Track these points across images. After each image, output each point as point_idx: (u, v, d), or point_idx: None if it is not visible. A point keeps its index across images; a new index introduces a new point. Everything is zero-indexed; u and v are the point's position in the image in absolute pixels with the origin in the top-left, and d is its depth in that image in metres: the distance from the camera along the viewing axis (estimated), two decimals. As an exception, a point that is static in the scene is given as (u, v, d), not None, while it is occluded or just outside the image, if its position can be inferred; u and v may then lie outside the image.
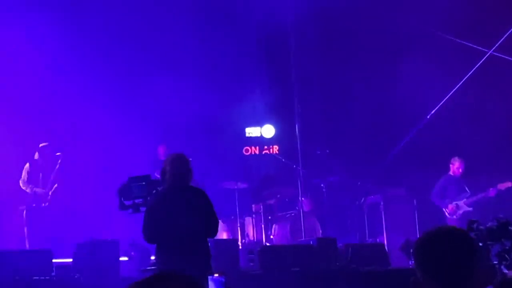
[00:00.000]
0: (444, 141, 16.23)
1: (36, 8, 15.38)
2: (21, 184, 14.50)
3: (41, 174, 14.51)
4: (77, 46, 15.76)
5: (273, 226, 15.13)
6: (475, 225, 11.06)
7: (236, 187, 15.04)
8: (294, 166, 15.99)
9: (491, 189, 14.46)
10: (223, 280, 9.21)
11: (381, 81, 16.19)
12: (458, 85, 16.55)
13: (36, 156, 14.53)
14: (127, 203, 9.16)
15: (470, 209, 14.52)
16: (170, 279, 2.09)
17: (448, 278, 3.16)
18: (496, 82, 15.86)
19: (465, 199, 14.59)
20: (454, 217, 14.56)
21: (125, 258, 12.85)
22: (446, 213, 14.68)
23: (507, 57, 16.05)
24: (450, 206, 14.63)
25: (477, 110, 16.11)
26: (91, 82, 15.84)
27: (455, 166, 14.88)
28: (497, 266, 8.50)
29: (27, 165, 14.54)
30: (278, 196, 15.62)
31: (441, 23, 16.20)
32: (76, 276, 11.08)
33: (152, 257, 11.14)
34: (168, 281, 2.09)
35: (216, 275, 9.38)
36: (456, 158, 14.91)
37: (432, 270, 3.19)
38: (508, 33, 16.09)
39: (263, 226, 14.93)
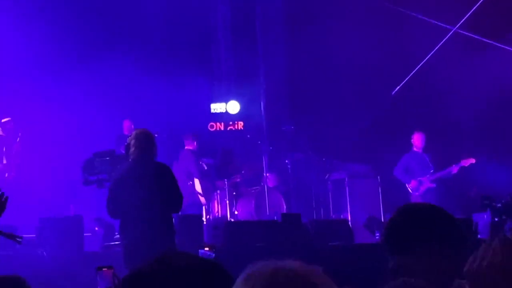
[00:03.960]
0: (408, 117, 16.34)
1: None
2: (-15, 160, 14.40)
3: (4, 149, 14.41)
4: (38, 21, 15.57)
5: (238, 201, 15.15)
6: (488, 201, 11.17)
7: (201, 162, 15.02)
8: (259, 142, 15.99)
9: (454, 165, 14.54)
10: (213, 255, 9.19)
11: (347, 58, 16.18)
12: (423, 62, 16.64)
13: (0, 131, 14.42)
14: (91, 178, 9.13)
15: (433, 185, 14.60)
16: (178, 256, 2.05)
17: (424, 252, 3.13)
18: (460, 59, 15.95)
19: (428, 175, 14.66)
20: (417, 193, 14.63)
21: (89, 234, 12.80)
22: (409, 189, 14.76)
23: (471, 35, 16.16)
24: (412, 181, 14.68)
25: (441, 86, 16.22)
26: (54, 56, 15.68)
27: (415, 140, 14.85)
28: None
29: (-10, 140, 14.44)
30: (243, 172, 15.62)
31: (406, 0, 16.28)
32: (39, 251, 11.01)
33: (116, 233, 11.12)
34: (178, 257, 2.05)
35: (206, 249, 9.35)
36: (416, 132, 14.88)
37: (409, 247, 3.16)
38: (472, 10, 16.19)
39: (227, 201, 14.94)
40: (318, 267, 1.97)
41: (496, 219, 11.28)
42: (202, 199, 14.91)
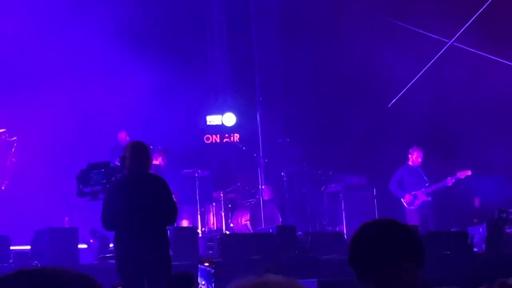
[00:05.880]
0: (404, 130, 16.33)
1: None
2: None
3: (-1, 160, 14.40)
4: (33, 30, 15.55)
5: (233, 214, 15.13)
6: (504, 214, 11.18)
7: (196, 175, 15.01)
8: (255, 154, 15.99)
9: (449, 178, 14.52)
10: (212, 271, 9.15)
11: (342, 70, 16.22)
12: (419, 75, 16.67)
13: (-6, 142, 14.41)
14: (85, 190, 9.09)
15: (429, 198, 14.58)
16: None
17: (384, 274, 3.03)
18: (456, 71, 15.98)
19: (423, 189, 14.64)
20: (412, 207, 14.61)
21: (84, 246, 12.77)
22: (404, 203, 14.74)
23: (466, 47, 16.19)
24: (407, 195, 14.66)
25: (437, 99, 16.24)
26: (49, 66, 15.65)
27: (414, 156, 14.86)
28: None
29: (-15, 151, 14.41)
30: (239, 184, 15.62)
31: (403, 13, 16.31)
32: (34, 263, 10.98)
33: (111, 245, 11.08)
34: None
35: (206, 264, 9.31)
36: (415, 147, 14.91)
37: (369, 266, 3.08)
38: (467, 24, 16.23)
39: (223, 214, 14.92)
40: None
41: (509, 231, 11.29)
42: None
